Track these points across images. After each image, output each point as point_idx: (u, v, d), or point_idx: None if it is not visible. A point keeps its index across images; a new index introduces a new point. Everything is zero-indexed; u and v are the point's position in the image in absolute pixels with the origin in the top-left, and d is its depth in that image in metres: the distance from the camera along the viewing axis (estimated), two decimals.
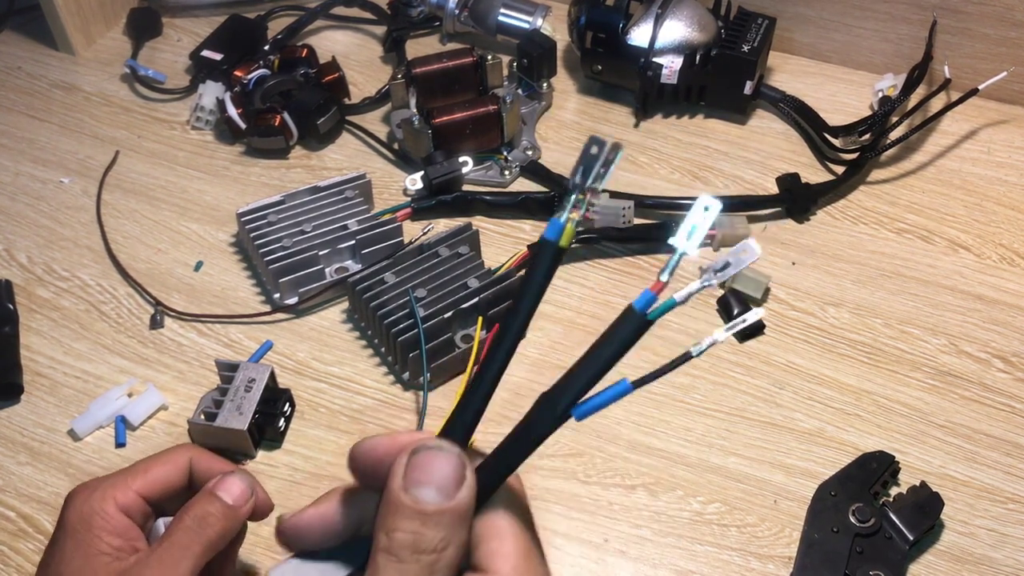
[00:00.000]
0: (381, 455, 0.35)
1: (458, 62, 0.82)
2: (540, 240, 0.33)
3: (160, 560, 0.41)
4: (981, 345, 0.69)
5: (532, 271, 0.34)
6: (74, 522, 0.43)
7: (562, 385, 0.33)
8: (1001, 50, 0.84)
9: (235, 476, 0.46)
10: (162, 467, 0.46)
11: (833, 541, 0.57)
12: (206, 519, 0.43)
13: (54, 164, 0.83)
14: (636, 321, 0.32)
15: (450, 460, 0.33)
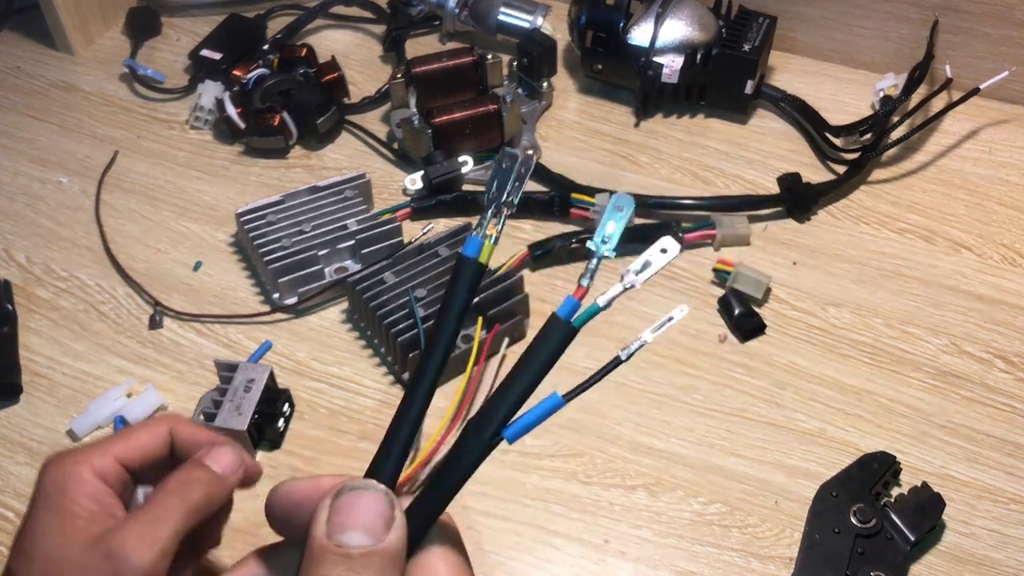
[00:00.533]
0: (299, 499, 0.34)
1: (458, 61, 0.82)
2: (459, 258, 0.32)
3: (139, 523, 0.38)
4: (983, 345, 0.69)
5: (453, 291, 0.32)
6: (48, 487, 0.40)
7: (489, 408, 0.31)
8: (1002, 49, 0.84)
9: (224, 446, 0.43)
10: (142, 434, 0.43)
11: (834, 542, 0.57)
12: (191, 484, 0.40)
13: (53, 164, 0.83)
14: (562, 329, 0.31)
15: (377, 500, 0.31)
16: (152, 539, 0.37)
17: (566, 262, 0.74)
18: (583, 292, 0.31)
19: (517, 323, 0.68)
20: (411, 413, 0.32)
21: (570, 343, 0.31)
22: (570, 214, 0.76)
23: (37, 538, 0.38)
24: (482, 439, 0.31)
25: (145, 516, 0.38)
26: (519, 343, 0.69)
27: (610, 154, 0.83)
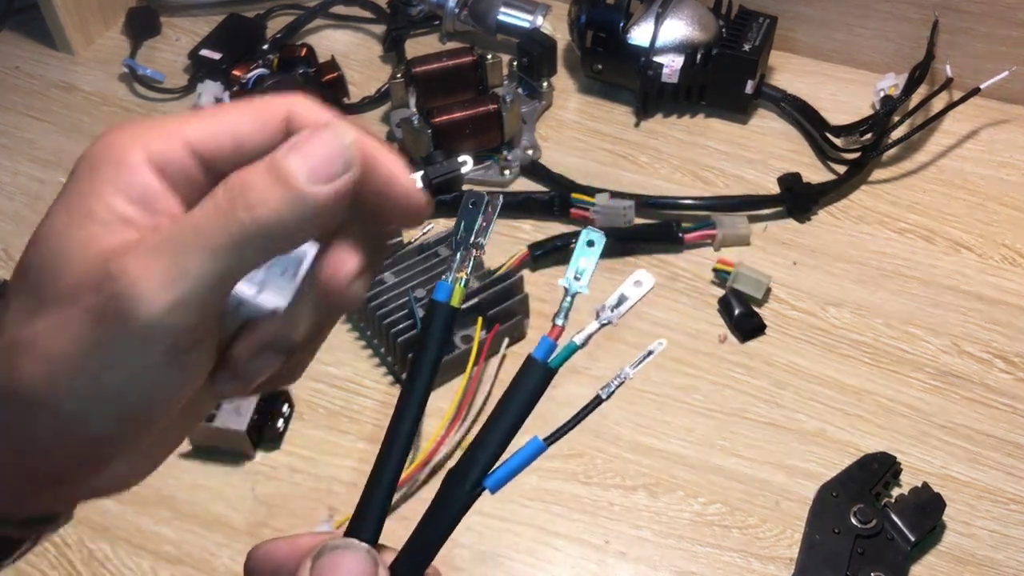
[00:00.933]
0: (280, 561, 0.31)
1: (458, 61, 0.82)
2: (431, 304, 0.31)
3: (156, 250, 0.25)
4: (983, 345, 0.69)
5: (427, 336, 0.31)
6: (81, 166, 0.27)
7: (470, 457, 0.30)
8: (1003, 49, 0.84)
9: (322, 132, 0.27)
10: (238, 114, 0.28)
11: (834, 542, 0.57)
12: (246, 195, 0.26)
13: (53, 164, 0.83)
14: (540, 371, 0.30)
15: (358, 559, 0.30)
16: (169, 275, 0.25)
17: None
18: (559, 332, 0.30)
19: (517, 323, 0.68)
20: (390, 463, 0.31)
21: (548, 384, 0.30)
22: (570, 214, 0.76)
23: (40, 235, 0.27)
24: (464, 490, 0.30)
25: (167, 243, 0.26)
26: (519, 343, 0.69)
27: (610, 154, 0.83)
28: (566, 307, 0.30)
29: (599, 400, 0.31)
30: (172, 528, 0.60)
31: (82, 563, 0.58)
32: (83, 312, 0.25)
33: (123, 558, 0.59)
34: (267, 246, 0.26)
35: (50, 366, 0.26)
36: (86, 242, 0.26)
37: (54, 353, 0.26)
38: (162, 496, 0.61)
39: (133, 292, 0.25)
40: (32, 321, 0.26)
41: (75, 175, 0.27)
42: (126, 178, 0.27)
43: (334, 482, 0.62)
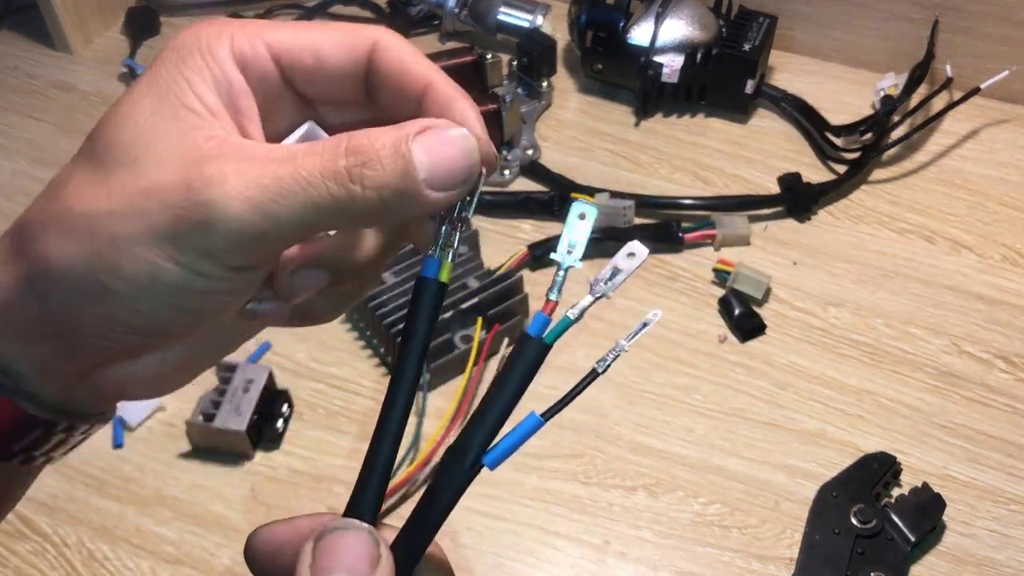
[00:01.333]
0: (279, 544, 0.32)
1: (457, 61, 0.82)
2: (418, 280, 0.30)
3: (258, 178, 0.25)
4: (983, 345, 0.69)
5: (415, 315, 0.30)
6: (168, 55, 0.27)
7: (468, 434, 0.30)
8: (1003, 49, 0.83)
9: (453, 133, 0.27)
10: (322, 33, 0.29)
11: (834, 542, 0.57)
12: (365, 170, 0.26)
13: (52, 164, 0.83)
14: (535, 347, 0.30)
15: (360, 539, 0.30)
16: (265, 204, 0.25)
17: None
18: (552, 306, 0.30)
19: (517, 323, 0.68)
20: (385, 443, 0.31)
21: (544, 360, 0.30)
22: None
23: (133, 107, 0.27)
24: (463, 467, 0.31)
25: (273, 168, 0.26)
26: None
27: (610, 154, 0.83)
28: (559, 281, 0.30)
29: (595, 374, 0.30)
30: (172, 528, 0.60)
31: (82, 563, 0.58)
32: (166, 205, 0.25)
33: (123, 558, 0.58)
34: (362, 219, 0.27)
35: (115, 250, 0.26)
36: (180, 131, 0.26)
37: (122, 236, 0.26)
38: (162, 496, 0.61)
39: (226, 208, 0.25)
40: (102, 197, 0.26)
41: (161, 61, 0.27)
42: (214, 69, 0.27)
43: (334, 482, 0.62)
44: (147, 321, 0.27)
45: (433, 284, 0.30)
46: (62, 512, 0.60)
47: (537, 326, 0.30)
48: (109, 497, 0.61)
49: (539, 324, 0.30)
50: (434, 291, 0.30)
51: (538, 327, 0.30)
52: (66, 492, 0.61)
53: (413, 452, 0.62)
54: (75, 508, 0.60)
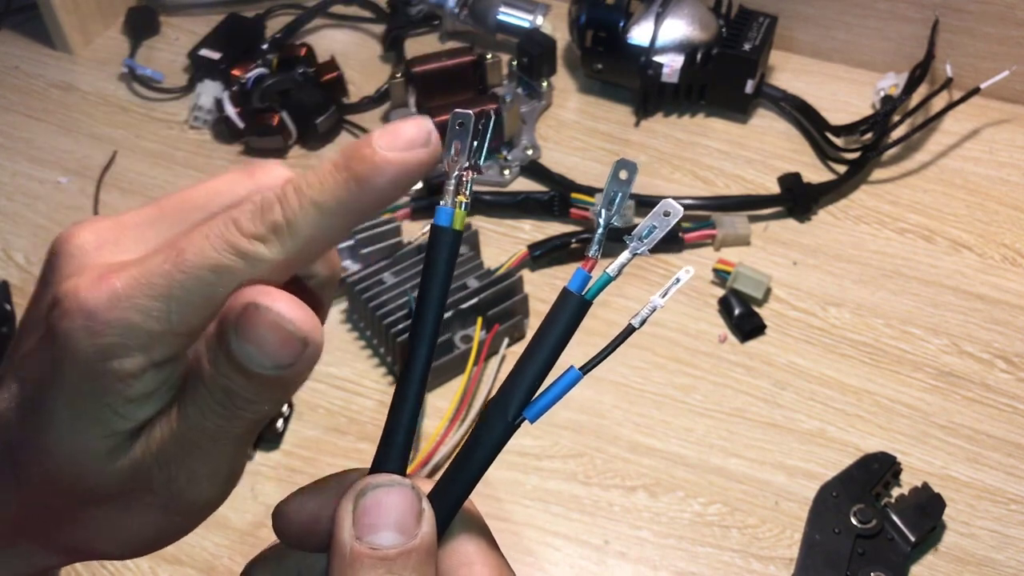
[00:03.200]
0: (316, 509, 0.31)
1: (457, 61, 0.82)
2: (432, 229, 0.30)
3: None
4: (983, 345, 0.69)
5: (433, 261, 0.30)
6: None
7: (509, 388, 0.31)
8: (1003, 49, 0.83)
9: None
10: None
11: (834, 542, 0.57)
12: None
13: (52, 164, 0.83)
14: (575, 303, 0.30)
15: (404, 495, 0.29)
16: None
17: (565, 261, 0.74)
18: (592, 263, 0.30)
19: (517, 323, 0.68)
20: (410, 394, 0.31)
21: (584, 316, 0.30)
22: (570, 214, 0.76)
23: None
24: (505, 420, 0.30)
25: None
26: (519, 343, 0.69)
27: (610, 154, 0.83)
28: (599, 238, 0.30)
29: (631, 329, 0.30)
30: None
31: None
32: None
33: None
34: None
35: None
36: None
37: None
38: None
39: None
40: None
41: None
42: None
43: None
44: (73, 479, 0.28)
45: (448, 232, 0.30)
46: None
47: (577, 282, 0.30)
48: None
49: (579, 281, 0.30)
50: (449, 239, 0.30)
51: (578, 283, 0.30)
52: None
53: (413, 452, 0.62)
54: None
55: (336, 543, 0.29)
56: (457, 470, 0.31)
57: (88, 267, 0.27)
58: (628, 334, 0.30)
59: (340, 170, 0.28)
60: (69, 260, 0.28)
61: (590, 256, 0.30)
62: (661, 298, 0.30)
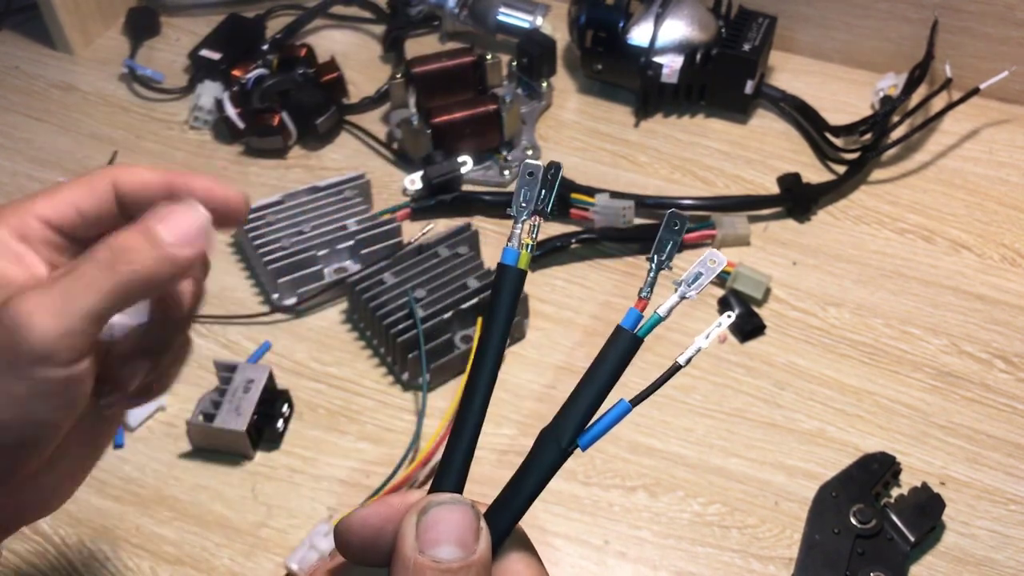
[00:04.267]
0: (380, 523, 0.33)
1: (457, 61, 0.82)
2: (500, 267, 0.34)
3: (47, 292, 0.31)
4: (983, 345, 0.69)
5: (498, 297, 0.34)
6: None
7: (563, 418, 0.33)
8: (1002, 49, 0.84)
9: (183, 207, 0.35)
10: (72, 189, 0.36)
11: (834, 542, 0.57)
12: (126, 254, 0.32)
13: (52, 164, 0.83)
14: (628, 340, 0.33)
15: (465, 513, 0.32)
16: (58, 311, 0.31)
17: (565, 261, 0.74)
18: (644, 304, 0.33)
19: (517, 323, 0.68)
20: (469, 423, 0.33)
21: (635, 353, 0.33)
22: (570, 214, 0.76)
23: None
24: (559, 448, 0.33)
25: (57, 286, 0.31)
26: (519, 343, 0.69)
27: (610, 154, 0.83)
28: (651, 281, 0.33)
29: (677, 367, 0.33)
30: (172, 528, 0.60)
31: (82, 563, 0.58)
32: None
33: (123, 558, 0.59)
34: (142, 291, 0.33)
35: None
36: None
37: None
38: (162, 496, 0.61)
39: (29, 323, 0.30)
40: None
41: None
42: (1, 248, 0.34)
43: (334, 482, 0.62)
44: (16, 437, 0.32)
45: (513, 271, 0.33)
46: (62, 512, 0.60)
47: (630, 321, 0.33)
48: (109, 497, 0.61)
49: (632, 319, 0.33)
50: (514, 277, 0.33)
51: (631, 322, 0.33)
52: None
53: (413, 452, 0.62)
54: (75, 508, 0.60)
55: (399, 556, 0.31)
56: (511, 493, 0.33)
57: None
58: (674, 371, 0.33)
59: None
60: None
61: (642, 297, 0.33)
62: (705, 339, 0.33)
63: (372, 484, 0.61)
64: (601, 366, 0.33)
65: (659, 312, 0.33)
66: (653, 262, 0.33)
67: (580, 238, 0.73)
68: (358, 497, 0.60)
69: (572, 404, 0.33)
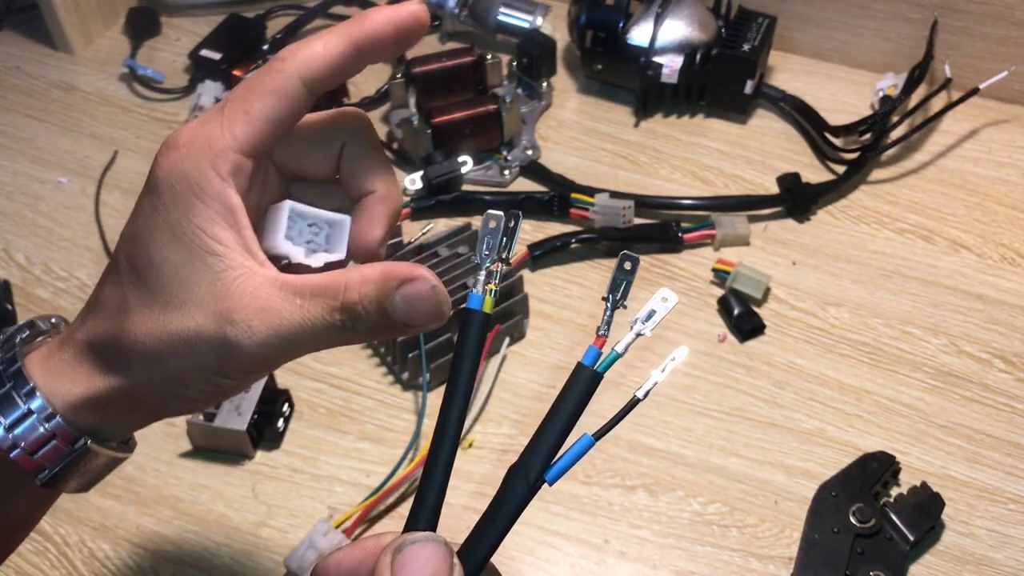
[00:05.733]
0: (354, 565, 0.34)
1: (457, 61, 0.82)
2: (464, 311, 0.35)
3: (269, 321, 0.33)
4: (982, 345, 0.69)
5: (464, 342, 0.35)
6: (164, 193, 0.33)
7: (530, 454, 0.34)
8: (1002, 49, 0.84)
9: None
10: (264, 102, 0.34)
11: (834, 541, 0.57)
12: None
13: (52, 164, 0.83)
14: (588, 377, 0.34)
15: (437, 551, 0.32)
16: (278, 334, 0.33)
17: (566, 261, 0.74)
18: (603, 341, 0.34)
19: (517, 323, 0.68)
20: (439, 462, 0.34)
21: (596, 388, 0.34)
22: (569, 214, 0.76)
23: (154, 243, 0.34)
24: (527, 484, 0.34)
25: (285, 304, 0.33)
26: (519, 343, 0.69)
27: (610, 154, 0.83)
28: (607, 319, 0.34)
29: (636, 400, 0.34)
30: (172, 528, 0.60)
31: (83, 563, 0.58)
32: (210, 347, 0.33)
33: (124, 557, 0.59)
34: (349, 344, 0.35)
35: (174, 378, 0.34)
36: (212, 278, 0.33)
37: (179, 368, 0.33)
38: (162, 496, 0.61)
39: (251, 351, 0.32)
40: (159, 334, 0.33)
41: (159, 198, 0.33)
42: (216, 207, 0.33)
43: (334, 482, 0.62)
44: (196, 402, 0.36)
45: (478, 315, 0.35)
46: (63, 511, 0.60)
47: (590, 358, 0.34)
48: (110, 496, 0.61)
49: (592, 356, 0.34)
50: (479, 321, 0.35)
51: (591, 359, 0.34)
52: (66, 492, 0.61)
53: (413, 451, 0.62)
54: (76, 508, 0.61)
55: None
56: (483, 529, 0.34)
57: None
58: (634, 405, 0.35)
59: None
60: None
61: (600, 335, 0.34)
62: (661, 373, 0.35)
63: (372, 484, 0.61)
64: (564, 402, 0.34)
65: (617, 349, 0.34)
66: (608, 302, 0.34)
67: (580, 238, 0.73)
68: (358, 496, 0.60)
69: (538, 440, 0.34)
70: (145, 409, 0.36)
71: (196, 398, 0.35)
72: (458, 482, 0.61)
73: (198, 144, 0.33)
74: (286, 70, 0.35)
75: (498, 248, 0.35)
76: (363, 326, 0.33)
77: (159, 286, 0.33)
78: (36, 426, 0.34)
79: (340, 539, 0.57)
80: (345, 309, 0.32)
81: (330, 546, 0.56)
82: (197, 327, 0.33)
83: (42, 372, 0.35)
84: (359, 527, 0.59)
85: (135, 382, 0.34)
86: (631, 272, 0.34)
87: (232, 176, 0.33)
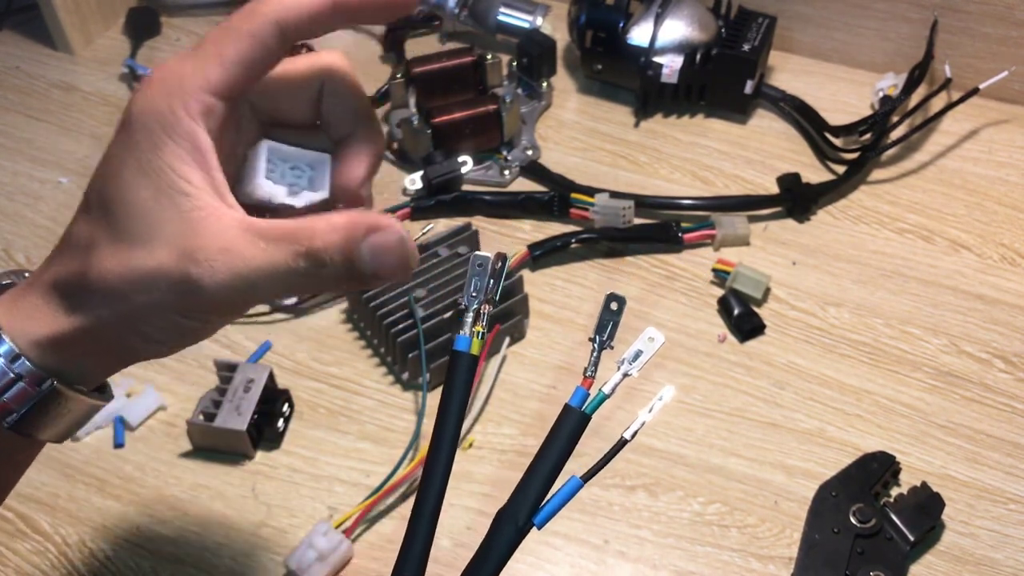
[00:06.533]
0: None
1: (457, 61, 0.82)
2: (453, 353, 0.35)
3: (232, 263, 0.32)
4: (982, 345, 0.69)
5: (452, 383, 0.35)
6: (135, 129, 0.33)
7: (518, 498, 0.34)
8: (1002, 49, 0.84)
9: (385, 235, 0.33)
10: (237, 45, 0.34)
11: (834, 542, 0.57)
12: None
13: (52, 164, 0.83)
14: (576, 418, 0.34)
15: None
16: (241, 275, 0.33)
17: (566, 262, 0.74)
18: (590, 383, 0.35)
19: (517, 323, 0.68)
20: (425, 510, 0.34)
21: (584, 429, 0.35)
22: (570, 214, 0.76)
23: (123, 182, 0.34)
24: (516, 527, 0.34)
25: (250, 247, 0.33)
26: (519, 343, 0.69)
27: (610, 154, 0.83)
28: (594, 360, 0.35)
29: (624, 441, 0.35)
30: (172, 528, 0.60)
31: (83, 563, 0.58)
32: (171, 285, 0.32)
33: (124, 558, 0.59)
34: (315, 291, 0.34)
35: (137, 314, 0.33)
36: (179, 216, 0.33)
37: (141, 305, 0.33)
38: (163, 496, 0.61)
39: (213, 290, 0.32)
40: (122, 270, 0.33)
41: (131, 135, 0.33)
42: (185, 146, 0.33)
43: (334, 482, 0.62)
44: (161, 344, 0.35)
45: (466, 357, 0.35)
46: (63, 511, 0.60)
47: (577, 399, 0.35)
48: (110, 497, 0.61)
49: (579, 398, 0.35)
50: (467, 363, 0.35)
51: (578, 400, 0.35)
52: (67, 491, 0.61)
53: (413, 451, 0.62)
54: (76, 507, 0.61)
55: None
56: (473, 573, 0.34)
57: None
58: (621, 446, 0.35)
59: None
60: None
61: (587, 376, 0.35)
62: (648, 413, 0.35)
63: (372, 484, 0.61)
64: (552, 445, 0.34)
65: (604, 390, 0.34)
66: (595, 343, 0.35)
67: (580, 238, 0.73)
68: (358, 496, 0.60)
69: (526, 483, 0.34)
70: (111, 350, 0.36)
71: (159, 339, 0.35)
72: (458, 482, 0.61)
73: (171, 83, 0.33)
74: (264, 13, 0.34)
75: (485, 290, 0.35)
76: (328, 273, 0.32)
77: (127, 223, 0.33)
78: (2, 368, 0.34)
79: (340, 539, 0.57)
80: (310, 255, 0.32)
81: (330, 546, 0.56)
82: (159, 264, 0.32)
83: (6, 314, 0.35)
84: (359, 527, 0.59)
85: (98, 320, 0.34)
86: (617, 313, 0.35)
87: (203, 117, 0.33)
